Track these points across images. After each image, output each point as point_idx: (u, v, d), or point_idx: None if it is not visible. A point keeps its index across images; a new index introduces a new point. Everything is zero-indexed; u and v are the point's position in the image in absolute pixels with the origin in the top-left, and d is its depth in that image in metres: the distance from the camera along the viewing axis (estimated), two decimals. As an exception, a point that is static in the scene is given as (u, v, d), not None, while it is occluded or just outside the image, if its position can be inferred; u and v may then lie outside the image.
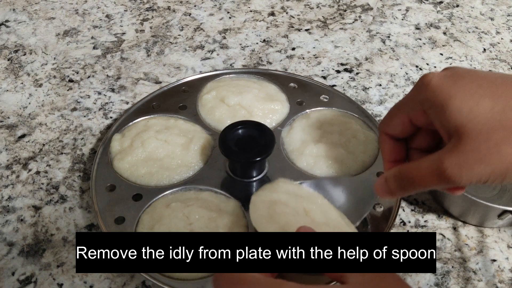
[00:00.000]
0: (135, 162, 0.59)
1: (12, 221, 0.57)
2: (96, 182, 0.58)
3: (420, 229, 0.56)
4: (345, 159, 0.59)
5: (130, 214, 0.54)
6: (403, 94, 0.73)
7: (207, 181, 0.58)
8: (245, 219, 0.54)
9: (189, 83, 0.71)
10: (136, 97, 0.72)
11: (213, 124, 0.64)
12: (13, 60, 0.78)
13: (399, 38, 0.83)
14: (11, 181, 0.61)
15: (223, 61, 0.78)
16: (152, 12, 0.89)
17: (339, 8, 0.90)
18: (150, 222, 0.53)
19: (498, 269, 0.53)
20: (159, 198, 0.56)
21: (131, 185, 0.57)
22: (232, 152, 0.55)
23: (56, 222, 0.57)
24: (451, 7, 0.90)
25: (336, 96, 0.69)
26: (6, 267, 0.53)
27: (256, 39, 0.83)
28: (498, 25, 0.86)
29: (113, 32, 0.84)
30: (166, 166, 0.58)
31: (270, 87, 0.70)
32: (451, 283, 0.52)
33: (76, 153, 0.64)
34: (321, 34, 0.84)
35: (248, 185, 0.58)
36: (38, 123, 0.68)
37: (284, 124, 0.64)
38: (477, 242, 0.55)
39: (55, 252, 0.54)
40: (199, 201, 0.55)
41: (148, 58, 0.79)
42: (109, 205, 0.55)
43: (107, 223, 0.53)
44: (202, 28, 0.85)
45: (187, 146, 0.60)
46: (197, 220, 0.53)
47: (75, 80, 0.75)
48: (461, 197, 0.53)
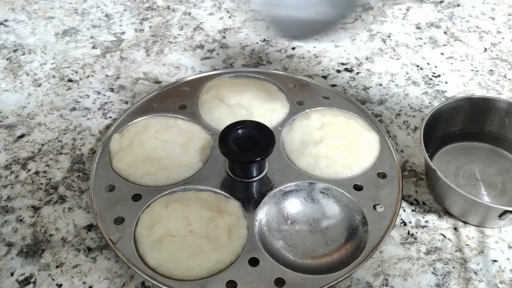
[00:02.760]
0: (135, 162, 0.58)
1: (11, 222, 0.57)
2: (95, 182, 0.57)
3: (420, 229, 0.56)
4: (346, 160, 0.59)
5: (129, 214, 0.54)
6: (404, 94, 0.72)
7: (206, 181, 0.58)
8: (245, 219, 0.54)
9: (188, 82, 0.71)
10: (135, 97, 0.72)
11: (212, 124, 0.64)
12: (12, 60, 0.78)
13: (400, 37, 0.83)
14: (10, 181, 0.61)
15: (223, 61, 0.78)
16: (151, 11, 0.88)
17: (339, 8, 0.90)
18: (149, 222, 0.53)
19: (499, 270, 0.53)
20: (158, 198, 0.56)
21: (130, 185, 0.57)
22: (232, 152, 0.55)
23: (55, 223, 0.57)
24: (452, 6, 0.90)
25: (336, 96, 0.69)
26: (5, 267, 0.53)
27: (256, 39, 0.82)
28: (499, 24, 0.86)
29: (113, 31, 0.84)
30: (165, 166, 0.58)
31: (270, 86, 0.70)
32: (451, 283, 0.51)
33: (75, 153, 0.64)
34: (321, 33, 0.84)
35: (248, 185, 0.58)
36: (37, 123, 0.68)
37: (284, 124, 0.64)
38: (478, 243, 0.55)
39: (54, 252, 0.54)
40: (198, 201, 0.55)
41: (147, 57, 0.79)
42: (108, 205, 0.55)
43: (106, 223, 0.53)
44: (201, 27, 0.85)
45: (186, 146, 0.60)
46: (196, 220, 0.53)
47: (74, 79, 0.75)
48: (462, 197, 0.53)
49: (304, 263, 0.52)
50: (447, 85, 0.74)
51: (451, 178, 0.59)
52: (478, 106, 0.62)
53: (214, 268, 0.50)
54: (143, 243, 0.52)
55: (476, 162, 0.62)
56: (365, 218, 0.54)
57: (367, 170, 0.59)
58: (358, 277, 0.52)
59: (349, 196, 0.56)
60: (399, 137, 0.66)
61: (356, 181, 0.58)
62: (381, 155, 0.61)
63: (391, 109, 0.70)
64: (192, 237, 0.51)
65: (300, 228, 0.55)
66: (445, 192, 0.56)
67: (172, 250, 0.50)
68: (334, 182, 0.57)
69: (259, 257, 0.51)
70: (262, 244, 0.52)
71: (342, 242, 0.54)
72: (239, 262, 0.51)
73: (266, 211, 0.56)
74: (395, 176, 0.58)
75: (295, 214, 0.56)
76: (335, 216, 0.56)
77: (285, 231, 0.55)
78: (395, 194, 0.57)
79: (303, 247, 0.54)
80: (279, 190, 0.57)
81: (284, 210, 0.56)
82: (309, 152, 0.60)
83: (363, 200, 0.56)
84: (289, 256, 0.53)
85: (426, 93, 0.73)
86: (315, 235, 0.55)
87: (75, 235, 0.55)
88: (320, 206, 0.57)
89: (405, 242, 0.55)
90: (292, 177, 0.58)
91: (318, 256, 0.53)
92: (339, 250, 0.53)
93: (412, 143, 0.66)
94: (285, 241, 0.54)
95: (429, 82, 0.74)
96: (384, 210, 0.55)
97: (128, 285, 0.51)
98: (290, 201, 0.57)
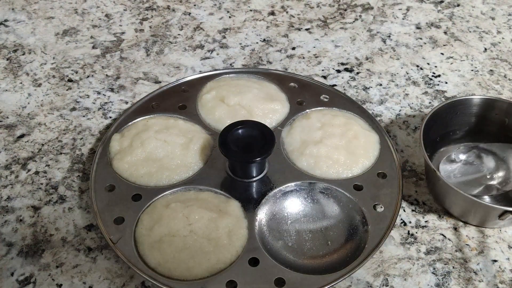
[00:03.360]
0: (135, 162, 0.58)
1: (11, 222, 0.57)
2: (96, 182, 0.57)
3: (420, 229, 0.56)
4: (346, 160, 0.59)
5: (129, 214, 0.54)
6: (404, 94, 0.72)
7: (206, 181, 0.58)
8: (245, 219, 0.54)
9: (188, 82, 0.71)
10: (135, 97, 0.72)
11: (213, 124, 0.64)
12: (12, 60, 0.78)
13: (400, 37, 0.83)
14: (10, 181, 0.61)
15: (223, 61, 0.78)
16: (151, 11, 0.88)
17: (339, 8, 0.90)
18: (149, 222, 0.53)
19: (499, 270, 0.53)
20: (158, 198, 0.56)
21: (130, 185, 0.57)
22: (232, 152, 0.55)
23: (55, 223, 0.57)
24: (452, 6, 0.90)
25: (336, 96, 0.69)
26: (5, 267, 0.53)
27: (256, 39, 0.82)
28: (499, 24, 0.86)
29: (113, 31, 0.83)
30: (165, 166, 0.58)
31: (270, 86, 0.70)
32: (452, 283, 0.51)
33: (75, 153, 0.64)
34: (321, 33, 0.84)
35: (248, 185, 0.58)
36: (37, 123, 0.68)
37: (284, 124, 0.64)
38: (478, 243, 0.55)
39: (54, 252, 0.54)
40: (198, 201, 0.55)
41: (147, 57, 0.79)
42: (109, 205, 0.55)
43: (106, 223, 0.53)
44: (201, 27, 0.85)
45: (186, 146, 0.60)
46: (196, 220, 0.53)
47: (74, 79, 0.75)
48: (462, 197, 0.53)
49: (304, 263, 0.52)
50: (447, 85, 0.74)
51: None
52: (478, 106, 0.62)
53: (214, 268, 0.50)
54: (143, 243, 0.52)
55: (476, 162, 0.62)
56: (365, 218, 0.54)
57: (367, 170, 0.59)
58: (358, 277, 0.52)
59: (349, 196, 0.56)
60: (399, 137, 0.66)
61: (356, 181, 0.58)
62: (381, 155, 0.61)
63: (391, 109, 0.70)
64: (192, 237, 0.51)
65: (300, 228, 0.55)
66: (445, 192, 0.56)
67: (172, 250, 0.51)
68: (334, 182, 0.57)
69: (259, 257, 0.51)
70: (262, 244, 0.52)
71: (342, 242, 0.54)
72: (239, 262, 0.51)
73: (266, 211, 0.56)
74: (395, 176, 0.59)
75: (295, 214, 0.56)
76: (335, 216, 0.56)
77: (285, 231, 0.55)
78: (395, 194, 0.57)
79: (303, 247, 0.54)
80: (279, 190, 0.57)
81: (284, 210, 0.56)
82: (309, 152, 0.60)
83: (363, 200, 0.56)
84: (289, 256, 0.53)
85: (426, 93, 0.73)
86: (315, 235, 0.55)
87: (75, 235, 0.55)
88: (320, 206, 0.57)
89: (405, 242, 0.55)
90: (292, 177, 0.58)
91: (318, 256, 0.53)
92: (339, 250, 0.53)
93: (412, 143, 0.66)
94: (285, 241, 0.54)
95: (429, 82, 0.74)
96: (384, 210, 0.55)
97: (128, 285, 0.51)
98: (290, 201, 0.57)
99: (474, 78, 0.75)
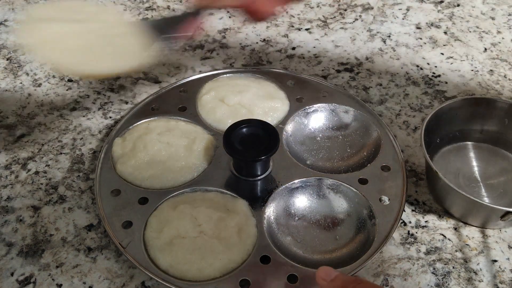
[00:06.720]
0: (139, 165, 0.58)
1: (11, 221, 0.57)
2: (101, 187, 0.57)
3: (420, 229, 0.56)
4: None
5: (137, 217, 0.54)
6: (404, 94, 0.72)
7: (212, 181, 0.58)
8: (253, 218, 0.54)
9: (188, 83, 0.71)
10: (135, 97, 0.71)
11: (214, 124, 0.64)
12: (12, 60, 0.78)
13: (400, 37, 0.83)
14: (10, 181, 0.61)
15: (223, 61, 0.78)
16: (151, 11, 0.88)
17: (339, 8, 0.90)
18: (158, 225, 0.53)
19: (499, 270, 0.53)
20: (165, 201, 0.56)
21: (136, 189, 0.57)
22: (237, 151, 0.55)
23: (55, 223, 0.57)
24: (452, 6, 0.90)
25: (336, 92, 0.69)
26: (5, 267, 0.53)
27: (256, 39, 0.82)
28: (499, 24, 0.86)
29: (113, 31, 0.83)
30: (170, 168, 0.58)
31: (269, 85, 0.70)
32: (452, 283, 0.51)
33: (75, 153, 0.64)
34: (321, 33, 0.84)
35: (253, 184, 0.58)
36: (37, 123, 0.68)
37: (285, 122, 0.64)
38: (478, 243, 0.55)
39: (54, 252, 0.54)
40: (206, 202, 0.55)
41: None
42: (115, 209, 0.55)
43: (115, 228, 0.53)
44: (201, 27, 0.85)
45: (190, 147, 0.60)
46: (206, 221, 0.52)
47: (74, 79, 0.75)
48: (464, 198, 0.52)
49: (314, 259, 0.53)
50: (447, 85, 0.74)
51: (451, 179, 0.59)
52: (478, 106, 0.62)
53: (226, 267, 0.50)
54: (153, 246, 0.51)
55: (477, 162, 0.62)
56: (372, 211, 0.55)
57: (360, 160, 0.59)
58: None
59: (355, 190, 0.57)
60: (399, 137, 0.66)
61: (360, 175, 0.58)
62: (384, 149, 0.61)
63: (391, 109, 0.70)
64: (203, 237, 0.51)
65: (308, 224, 0.56)
66: (446, 193, 0.56)
67: (183, 251, 0.50)
68: (339, 177, 0.58)
69: (270, 254, 0.51)
70: (272, 242, 0.52)
71: (351, 236, 0.54)
72: (250, 261, 0.51)
73: (273, 209, 0.56)
74: (398, 169, 0.59)
75: (302, 210, 0.57)
76: (342, 210, 0.57)
77: (293, 227, 0.55)
78: (400, 186, 0.57)
79: (312, 242, 0.54)
80: (285, 187, 0.57)
81: (291, 207, 0.57)
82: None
83: (369, 193, 0.56)
84: (299, 252, 0.53)
85: (426, 93, 0.73)
86: (323, 230, 0.55)
87: (75, 235, 0.55)
88: (326, 201, 0.57)
89: (405, 242, 0.55)
90: (296, 174, 0.58)
91: (327, 251, 0.53)
92: (349, 244, 0.54)
93: (412, 143, 0.66)
94: (294, 237, 0.54)
95: (429, 82, 0.74)
96: (391, 202, 0.56)
97: (128, 285, 0.51)
98: (296, 198, 0.57)
99: (474, 78, 0.75)
